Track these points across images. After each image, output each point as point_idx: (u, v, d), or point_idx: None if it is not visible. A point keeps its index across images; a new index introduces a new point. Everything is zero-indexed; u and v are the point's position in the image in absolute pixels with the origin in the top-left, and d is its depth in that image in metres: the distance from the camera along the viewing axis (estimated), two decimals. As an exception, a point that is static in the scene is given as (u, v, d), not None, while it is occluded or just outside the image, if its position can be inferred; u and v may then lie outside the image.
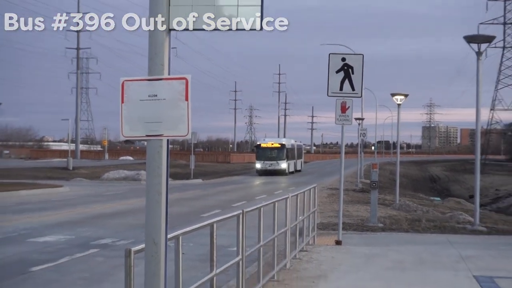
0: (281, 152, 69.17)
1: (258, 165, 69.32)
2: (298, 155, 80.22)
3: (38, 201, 31.93)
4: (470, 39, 21.87)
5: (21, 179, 48.61)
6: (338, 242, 17.47)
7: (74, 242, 17.80)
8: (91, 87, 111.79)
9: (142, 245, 5.35)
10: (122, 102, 5.16)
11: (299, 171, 79.71)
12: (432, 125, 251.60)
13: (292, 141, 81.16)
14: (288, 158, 70.02)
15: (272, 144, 70.61)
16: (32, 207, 28.57)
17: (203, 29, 5.21)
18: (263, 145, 71.28)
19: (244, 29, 5.14)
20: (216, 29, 5.18)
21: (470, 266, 14.20)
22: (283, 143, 71.30)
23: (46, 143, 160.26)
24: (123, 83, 5.17)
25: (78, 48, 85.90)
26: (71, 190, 39.59)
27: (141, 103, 5.11)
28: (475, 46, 21.85)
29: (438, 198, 48.49)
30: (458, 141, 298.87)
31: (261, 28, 5.13)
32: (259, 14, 5.12)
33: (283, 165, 68.36)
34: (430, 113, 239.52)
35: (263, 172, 68.07)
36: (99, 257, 15.45)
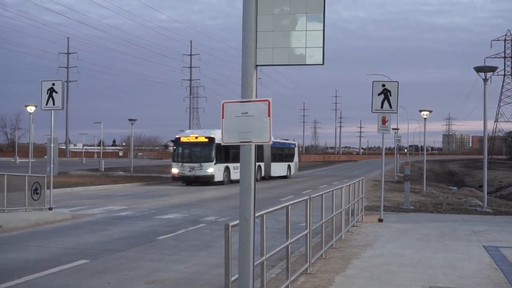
0: (207, 150, 36.11)
1: (174, 169, 37.01)
2: (284, 157, 47.87)
3: (162, 189, 32.47)
4: (478, 69, 21.50)
5: (151, 173, 49.58)
6: (380, 220, 17.27)
7: (188, 219, 18.02)
8: (200, 107, 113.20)
9: (237, 221, 5.37)
10: (223, 118, 5.20)
11: (285, 177, 47.02)
12: (450, 133, 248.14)
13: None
14: (220, 159, 36.62)
15: (196, 137, 36.87)
16: (158, 194, 29.07)
17: (281, 65, 5.22)
18: (183, 139, 37.29)
19: (310, 64, 5.13)
20: (290, 64, 5.19)
21: (480, 238, 13.87)
22: (212, 136, 36.14)
23: (169, 148, 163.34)
24: (223, 104, 5.21)
25: (191, 80, 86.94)
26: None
27: (236, 118, 5.14)
28: (482, 74, 21.47)
29: (455, 188, 47.35)
30: (470, 145, 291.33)
31: (323, 63, 5.10)
32: (321, 53, 5.10)
33: (210, 169, 35.73)
34: (449, 124, 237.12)
35: (182, 179, 36.92)
36: (206, 229, 15.60)
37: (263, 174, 43.06)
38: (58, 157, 20.98)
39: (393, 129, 45.92)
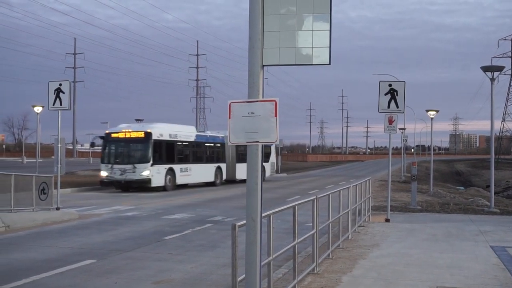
0: (142, 148, 29.88)
1: (103, 172, 30.21)
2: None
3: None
4: (485, 68, 21.43)
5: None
6: (387, 220, 17.24)
7: (195, 218, 18.04)
8: (206, 108, 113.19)
9: (244, 221, 5.37)
10: (229, 118, 5.20)
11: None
12: (457, 133, 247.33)
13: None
14: (160, 159, 30.38)
15: (130, 133, 30.24)
16: (165, 194, 29.09)
17: (287, 64, 5.22)
18: (113, 134, 30.74)
19: (317, 64, 5.13)
20: (296, 64, 5.19)
21: (487, 238, 13.82)
22: (148, 130, 29.98)
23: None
24: (230, 104, 5.21)
25: (197, 80, 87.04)
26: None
27: (242, 118, 5.14)
28: (489, 74, 21.41)
29: (462, 188, 47.18)
30: (477, 145, 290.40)
31: (329, 63, 5.10)
32: (328, 53, 5.10)
33: (145, 172, 29.28)
34: (456, 124, 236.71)
35: (112, 184, 30.25)
36: (212, 229, 15.61)
37: (224, 177, 37.22)
38: (65, 157, 21.02)
39: (400, 129, 45.86)
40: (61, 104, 18.89)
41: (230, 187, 35.02)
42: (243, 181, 37.68)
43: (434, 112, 32.66)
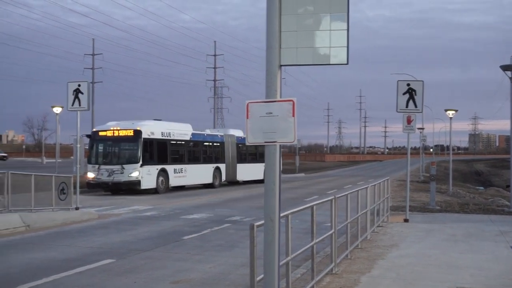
0: (132, 147, 28.08)
1: (90, 173, 27.93)
2: (260, 156, 37.81)
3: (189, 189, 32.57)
4: (505, 67, 21.26)
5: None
6: (405, 220, 17.15)
7: (213, 218, 18.07)
8: (224, 108, 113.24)
9: (262, 221, 5.37)
10: (247, 118, 5.21)
11: (262, 181, 31.53)
12: (477, 133, 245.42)
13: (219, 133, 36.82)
14: (151, 159, 28.42)
15: (118, 131, 28.26)
16: (186, 193, 29.18)
17: (305, 64, 5.22)
18: (101, 133, 28.93)
19: (335, 64, 5.12)
20: (314, 64, 5.18)
21: (507, 239, 13.70)
22: (138, 128, 28.04)
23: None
24: (247, 104, 5.22)
25: (215, 80, 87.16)
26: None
27: (260, 118, 5.15)
28: (509, 72, 21.25)
29: (482, 188, 46.82)
30: (497, 144, 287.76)
31: (347, 62, 5.09)
32: (345, 52, 5.09)
33: (134, 173, 27.38)
34: (475, 124, 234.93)
35: (99, 186, 28.11)
36: (231, 229, 15.63)
37: (224, 178, 35.37)
38: (84, 157, 21.17)
39: (418, 128, 45.58)
40: (80, 105, 19.03)
41: (230, 189, 33.20)
42: (247, 182, 36.99)
43: (453, 112, 32.48)
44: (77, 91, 19.05)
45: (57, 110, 38.95)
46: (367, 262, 10.50)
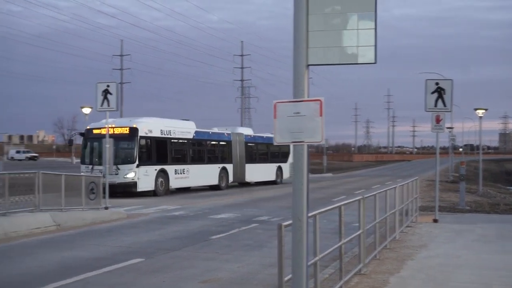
0: (127, 146, 26.34)
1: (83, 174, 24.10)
2: (271, 156, 37.37)
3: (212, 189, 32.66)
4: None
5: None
6: (435, 220, 16.99)
7: (241, 218, 18.10)
8: (251, 108, 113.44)
9: (290, 221, 5.37)
10: (275, 118, 5.21)
11: (273, 182, 37.30)
12: (507, 132, 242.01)
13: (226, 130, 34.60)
14: (149, 159, 26.89)
15: (113, 128, 25.57)
16: (210, 194, 29.28)
17: (332, 64, 5.21)
18: (95, 131, 27.11)
19: (363, 63, 5.09)
20: (341, 63, 5.17)
21: (539, 240, 13.49)
22: (134, 126, 26.43)
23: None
24: (275, 104, 5.22)
25: (242, 80, 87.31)
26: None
27: (288, 118, 5.14)
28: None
29: (513, 187, 46.15)
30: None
31: (375, 61, 5.07)
32: (373, 51, 5.06)
33: (130, 174, 25.87)
34: (505, 123, 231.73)
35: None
36: (259, 229, 15.64)
37: (231, 179, 33.47)
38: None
39: (447, 128, 45.07)
40: (109, 105, 19.22)
41: (238, 191, 31.39)
42: (258, 184, 35.47)
43: (483, 111, 32.09)
44: (106, 92, 19.24)
45: (86, 110, 39.33)
46: (396, 262, 10.42)
